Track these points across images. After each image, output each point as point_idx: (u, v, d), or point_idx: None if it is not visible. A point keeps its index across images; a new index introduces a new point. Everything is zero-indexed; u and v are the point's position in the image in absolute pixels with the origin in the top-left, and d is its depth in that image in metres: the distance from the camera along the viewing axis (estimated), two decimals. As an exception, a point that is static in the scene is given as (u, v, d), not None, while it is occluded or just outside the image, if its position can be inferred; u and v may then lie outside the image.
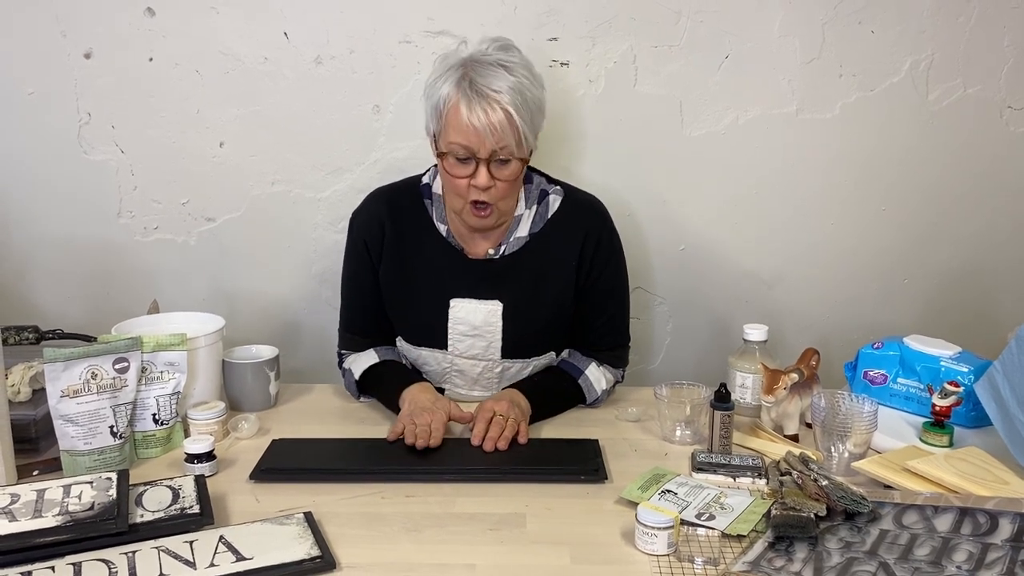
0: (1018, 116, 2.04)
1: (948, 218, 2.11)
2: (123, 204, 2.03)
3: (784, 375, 1.56)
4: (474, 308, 1.68)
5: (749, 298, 2.13)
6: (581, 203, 1.73)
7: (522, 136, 1.53)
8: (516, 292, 1.68)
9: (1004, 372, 1.46)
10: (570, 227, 1.69)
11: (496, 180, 1.55)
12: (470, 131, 1.50)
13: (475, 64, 1.53)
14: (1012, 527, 1.21)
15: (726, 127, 2.02)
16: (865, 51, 1.99)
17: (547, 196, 1.70)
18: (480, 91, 1.50)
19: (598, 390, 1.73)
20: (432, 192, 1.71)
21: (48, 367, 1.41)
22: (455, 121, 1.51)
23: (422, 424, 1.51)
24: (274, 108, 1.98)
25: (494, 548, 1.24)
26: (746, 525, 1.26)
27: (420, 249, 1.69)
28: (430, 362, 1.74)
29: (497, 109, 1.49)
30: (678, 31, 1.96)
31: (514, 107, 1.50)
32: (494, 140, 1.50)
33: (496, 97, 1.49)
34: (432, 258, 1.69)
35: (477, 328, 1.68)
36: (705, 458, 1.48)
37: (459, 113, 1.50)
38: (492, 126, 1.49)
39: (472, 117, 1.49)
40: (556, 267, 1.69)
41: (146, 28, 1.93)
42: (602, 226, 1.72)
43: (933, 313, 2.15)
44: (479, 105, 1.49)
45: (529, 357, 1.73)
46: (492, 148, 1.51)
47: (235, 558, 1.17)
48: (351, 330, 1.79)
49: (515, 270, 1.68)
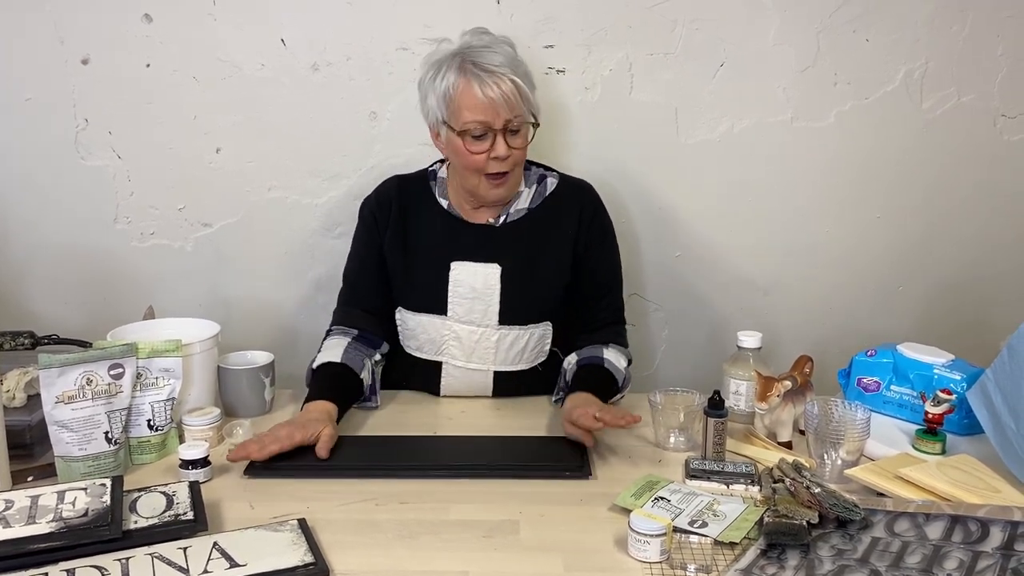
0: (1012, 125, 2.05)
1: (942, 226, 2.11)
2: (120, 210, 2.04)
3: (778, 382, 1.56)
4: (474, 270, 1.74)
5: (744, 305, 2.14)
6: (575, 184, 1.83)
7: (530, 100, 1.65)
8: (515, 257, 1.75)
9: (996, 381, 1.47)
10: (567, 204, 1.79)
11: (512, 149, 1.64)
12: (485, 105, 1.60)
13: (467, 51, 1.64)
14: (1003, 535, 1.22)
15: (721, 135, 2.03)
16: (860, 59, 1.99)
17: (545, 179, 1.81)
18: (485, 68, 1.61)
19: (621, 368, 1.76)
20: (436, 175, 1.82)
21: (43, 373, 1.41)
22: (468, 101, 1.61)
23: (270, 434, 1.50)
24: (271, 115, 1.99)
25: (487, 555, 1.24)
26: (738, 532, 1.27)
27: (423, 220, 1.79)
28: (428, 330, 1.78)
29: (505, 80, 1.60)
30: (674, 39, 1.97)
31: (517, 77, 1.62)
32: (508, 109, 1.61)
33: (500, 71, 1.61)
34: (433, 227, 1.78)
35: (476, 290, 1.74)
36: (699, 465, 1.48)
37: (471, 92, 1.61)
38: (505, 96, 1.60)
39: (486, 91, 1.60)
40: (554, 237, 1.78)
41: (144, 35, 1.94)
42: (596, 204, 1.82)
43: (927, 321, 2.15)
44: (488, 80, 1.60)
45: (526, 324, 1.77)
46: (506, 118, 1.62)
47: (228, 564, 1.17)
48: (350, 303, 1.82)
49: (514, 237, 1.76)
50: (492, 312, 1.75)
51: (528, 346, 1.78)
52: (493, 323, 1.75)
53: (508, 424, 1.70)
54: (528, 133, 1.67)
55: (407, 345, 1.83)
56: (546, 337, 1.80)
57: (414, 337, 1.80)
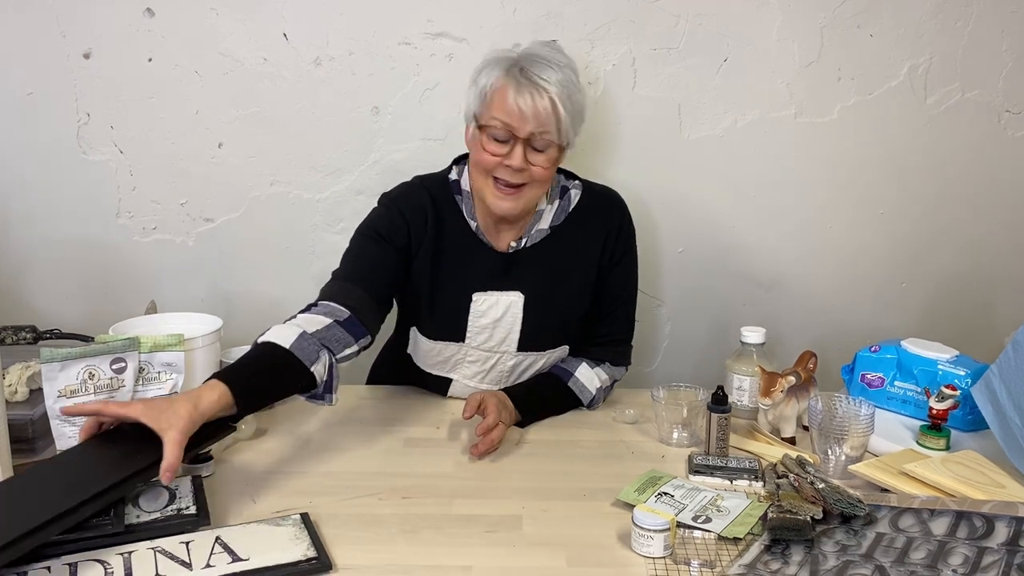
0: (1016, 120, 2.04)
1: (946, 222, 2.11)
2: (122, 205, 2.03)
3: (781, 378, 1.56)
4: (495, 300, 1.67)
5: (747, 301, 2.14)
6: (602, 196, 1.75)
7: (564, 126, 1.55)
8: (537, 283, 1.69)
9: (1001, 376, 1.46)
10: (592, 220, 1.72)
11: (529, 164, 1.56)
12: (514, 111, 1.53)
13: (527, 57, 1.57)
14: (1008, 531, 1.22)
15: (724, 130, 2.03)
16: (863, 55, 1.99)
17: (568, 192, 1.73)
18: (530, 78, 1.53)
19: (591, 389, 1.73)
20: (461, 188, 1.70)
21: (45, 367, 1.40)
22: (500, 101, 1.54)
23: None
24: (273, 109, 1.99)
25: (490, 550, 1.24)
26: (742, 528, 1.26)
27: (452, 243, 1.68)
28: (443, 353, 1.73)
29: (544, 97, 1.53)
30: (677, 34, 1.96)
31: (560, 99, 1.53)
32: (536, 123, 1.53)
33: (544, 86, 1.53)
34: (461, 252, 1.68)
35: (497, 321, 1.68)
36: (702, 460, 1.48)
37: (506, 94, 1.54)
38: (536, 111, 1.52)
39: (519, 99, 1.52)
40: (577, 260, 1.71)
41: (145, 29, 1.93)
42: (622, 218, 1.75)
43: (931, 317, 2.15)
44: (527, 90, 1.53)
45: (543, 350, 1.73)
46: (532, 131, 1.54)
47: (231, 559, 1.16)
48: (351, 279, 1.61)
49: (536, 262, 1.69)
50: (512, 340, 1.69)
51: (542, 368, 1.75)
52: (511, 350, 1.70)
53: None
54: (554, 156, 1.58)
55: (418, 361, 1.78)
56: (561, 356, 1.78)
57: (426, 359, 1.76)
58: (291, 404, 1.75)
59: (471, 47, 1.95)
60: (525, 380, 1.75)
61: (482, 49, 1.93)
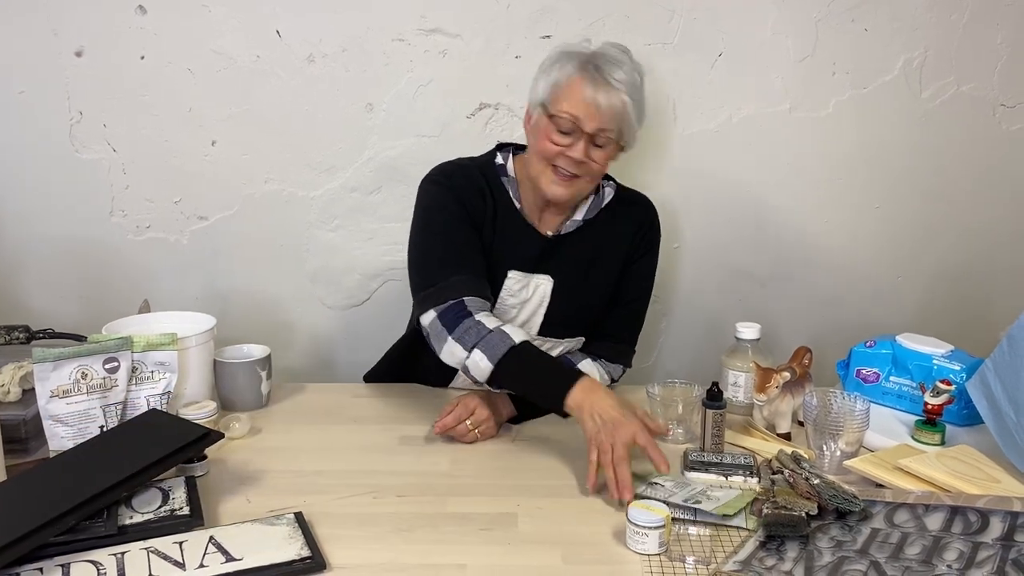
0: (1011, 114, 2.04)
1: (942, 216, 2.11)
2: (115, 203, 2.03)
3: (776, 373, 1.56)
4: (528, 281, 1.69)
5: (742, 296, 2.13)
6: (634, 197, 1.79)
7: (628, 127, 1.60)
8: (568, 270, 1.71)
9: (996, 371, 1.46)
10: (623, 218, 1.75)
11: (589, 159, 1.59)
12: (585, 107, 1.55)
13: (600, 55, 1.59)
14: (1003, 526, 1.21)
15: (719, 125, 2.02)
16: (858, 49, 1.98)
17: (603, 189, 1.76)
18: (605, 77, 1.56)
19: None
20: (508, 172, 1.71)
21: (37, 367, 1.40)
22: (573, 94, 1.56)
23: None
24: (267, 107, 1.98)
25: (485, 548, 1.23)
26: (731, 508, 1.27)
27: (501, 221, 1.69)
28: None
29: (616, 96, 1.55)
30: (671, 29, 1.96)
31: (631, 100, 1.57)
32: (603, 121, 1.56)
33: (617, 86, 1.56)
34: (507, 231, 1.69)
35: (525, 302, 1.70)
36: (697, 457, 1.48)
37: (580, 88, 1.56)
38: (606, 109, 1.55)
39: (596, 95, 1.55)
40: (606, 252, 1.74)
41: (138, 26, 1.92)
42: (654, 222, 1.79)
43: (926, 311, 2.15)
44: (602, 88, 1.55)
45: (563, 337, 1.74)
46: (599, 127, 1.56)
47: (225, 559, 1.16)
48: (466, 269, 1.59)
49: (569, 250, 1.71)
50: (535, 323, 1.71)
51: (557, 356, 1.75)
52: (532, 333, 1.71)
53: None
54: (612, 153, 1.62)
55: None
56: (576, 348, 1.78)
57: None
58: (284, 403, 1.75)
59: (465, 43, 1.94)
60: None
61: (476, 45, 1.94)
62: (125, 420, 1.48)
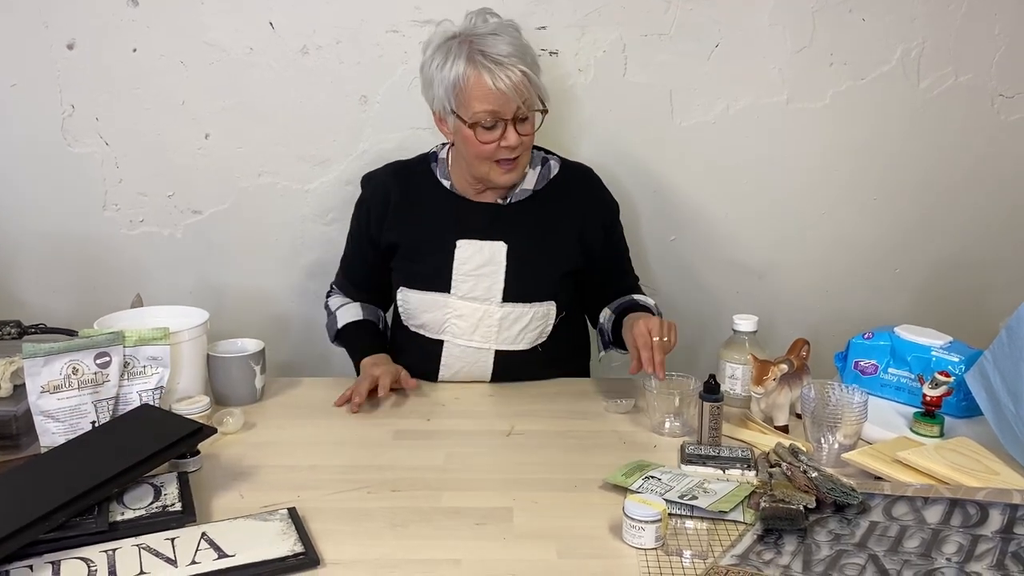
0: (1009, 104, 2.03)
1: (940, 207, 2.10)
2: (108, 197, 2.02)
3: (774, 366, 1.55)
4: (479, 248, 1.74)
5: (739, 288, 2.13)
6: (578, 169, 1.84)
7: (539, 88, 1.64)
8: (521, 235, 1.75)
9: (995, 362, 1.45)
10: (572, 188, 1.80)
11: (522, 136, 1.65)
12: (497, 96, 1.59)
13: (475, 38, 1.62)
14: (1002, 518, 1.20)
15: (716, 116, 2.01)
16: (856, 39, 1.97)
17: (548, 162, 1.81)
18: (495, 60, 1.59)
19: (650, 303, 1.82)
20: (438, 157, 1.80)
21: (27, 362, 1.39)
22: (479, 92, 1.60)
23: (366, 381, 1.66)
24: (260, 99, 1.97)
25: (480, 543, 1.22)
26: (728, 503, 1.26)
27: (425, 202, 1.78)
28: (431, 308, 1.77)
29: (515, 71, 1.59)
30: (667, 20, 1.94)
31: (526, 66, 1.61)
32: (519, 99, 1.60)
33: (510, 62, 1.59)
34: (437, 208, 1.77)
35: (481, 268, 1.74)
36: (694, 450, 1.47)
37: (483, 83, 1.59)
38: (516, 87, 1.59)
39: (498, 83, 1.58)
40: (561, 220, 1.78)
41: (129, 19, 1.91)
42: (601, 187, 1.85)
43: (924, 303, 2.14)
44: (499, 72, 1.58)
45: (530, 301, 1.76)
46: (515, 108, 1.61)
47: (217, 555, 1.15)
48: (349, 279, 1.89)
49: (521, 217, 1.77)
50: (496, 289, 1.74)
51: (531, 325, 1.77)
52: (497, 300, 1.74)
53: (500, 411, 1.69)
54: (536, 119, 1.67)
55: (409, 324, 1.82)
56: (549, 317, 1.79)
57: (416, 316, 1.80)
58: (278, 397, 1.74)
59: (459, 35, 1.92)
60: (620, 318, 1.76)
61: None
62: (117, 415, 1.47)
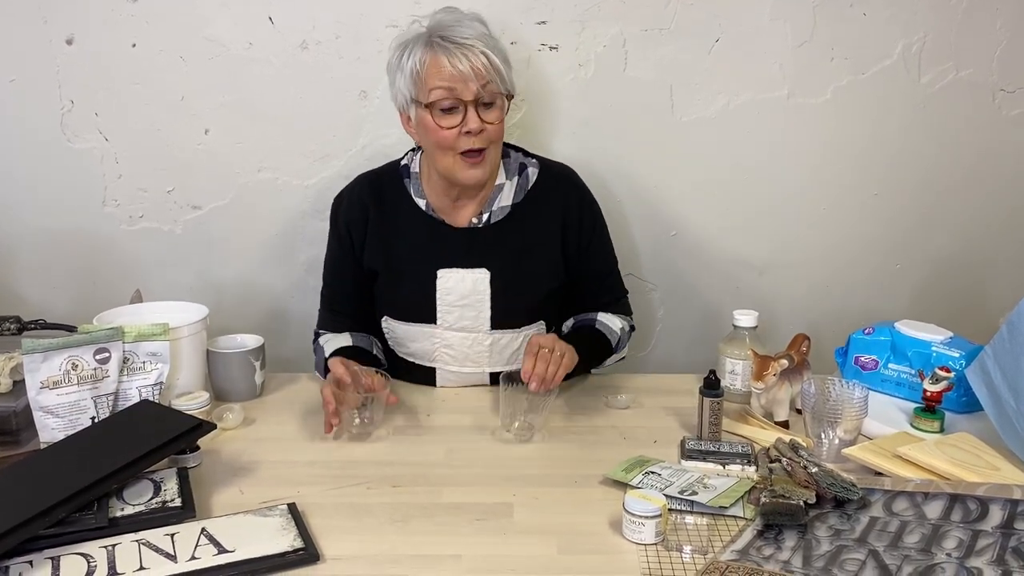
0: (1011, 99, 2.02)
1: (941, 203, 2.09)
2: (108, 193, 2.01)
3: (774, 361, 1.55)
4: (462, 277, 1.69)
5: (740, 284, 2.12)
6: (557, 176, 1.77)
7: (503, 73, 1.59)
8: (503, 260, 1.70)
9: (995, 357, 1.45)
10: (551, 196, 1.74)
11: (485, 123, 1.57)
12: (454, 75, 1.54)
13: (439, 26, 1.59)
14: (1003, 514, 1.20)
15: (717, 111, 2.01)
16: (857, 34, 1.96)
17: (526, 169, 1.74)
18: (454, 41, 1.55)
19: (615, 329, 1.76)
20: (410, 171, 1.74)
21: (27, 358, 1.39)
22: (436, 72, 1.55)
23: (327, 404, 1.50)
24: (260, 95, 1.96)
25: (481, 539, 1.23)
26: (728, 499, 1.26)
27: (402, 226, 1.72)
28: (419, 338, 1.74)
29: (476, 52, 1.55)
30: (668, 14, 1.94)
31: (489, 48, 1.56)
32: (478, 81, 1.55)
33: (470, 43, 1.55)
34: (415, 233, 1.71)
35: (466, 298, 1.69)
36: (694, 445, 1.47)
37: (439, 63, 1.55)
38: (475, 68, 1.54)
39: (455, 62, 1.54)
40: (542, 235, 1.73)
41: (128, 14, 1.90)
42: (581, 192, 1.77)
43: (925, 298, 2.13)
44: (457, 51, 1.54)
45: (519, 327, 1.73)
46: (476, 89, 1.55)
47: (217, 550, 1.15)
48: (332, 309, 1.80)
49: (501, 239, 1.71)
50: (484, 318, 1.70)
51: (522, 347, 1.72)
52: (485, 328, 1.71)
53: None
54: (503, 107, 1.61)
55: (397, 351, 1.80)
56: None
57: (404, 345, 1.77)
58: (278, 393, 1.74)
59: (459, 29, 1.92)
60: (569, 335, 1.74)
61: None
62: (116, 411, 1.47)
